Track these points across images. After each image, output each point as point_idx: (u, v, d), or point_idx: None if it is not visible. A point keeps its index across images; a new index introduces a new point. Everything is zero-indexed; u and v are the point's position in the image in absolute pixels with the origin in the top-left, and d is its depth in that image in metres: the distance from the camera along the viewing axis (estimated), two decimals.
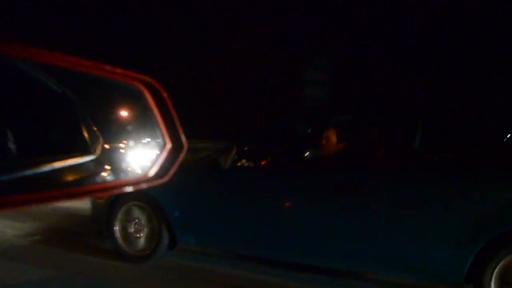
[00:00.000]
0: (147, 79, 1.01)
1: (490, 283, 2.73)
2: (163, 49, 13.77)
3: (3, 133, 0.86)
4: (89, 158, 1.20)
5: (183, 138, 1.06)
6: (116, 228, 4.01)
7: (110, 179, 1.13)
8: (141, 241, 3.94)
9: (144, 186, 1.03)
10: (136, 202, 3.96)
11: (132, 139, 1.24)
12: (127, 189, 1.10)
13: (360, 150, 3.51)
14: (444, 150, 3.32)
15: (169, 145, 1.05)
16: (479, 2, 10.85)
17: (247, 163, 3.62)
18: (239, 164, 3.59)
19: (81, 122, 1.24)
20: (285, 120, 3.76)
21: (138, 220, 3.95)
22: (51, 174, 1.02)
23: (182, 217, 3.73)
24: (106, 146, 1.24)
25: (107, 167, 1.21)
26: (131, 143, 1.22)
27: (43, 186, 0.97)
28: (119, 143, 1.26)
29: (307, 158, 3.72)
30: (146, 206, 3.91)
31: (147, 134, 1.11)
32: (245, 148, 3.74)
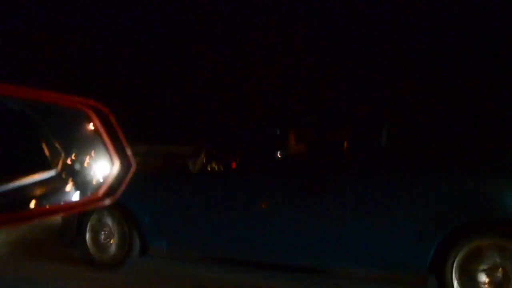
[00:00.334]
0: (92, 103, 1.03)
1: (451, 273, 2.84)
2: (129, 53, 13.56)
3: None
4: (50, 174, 1.20)
5: (131, 158, 1.09)
6: (87, 236, 3.98)
7: (61, 201, 1.14)
8: (112, 248, 3.92)
9: (92, 207, 1.05)
10: (106, 209, 3.93)
11: (85, 157, 1.25)
12: (77, 211, 1.12)
13: (326, 150, 3.58)
14: (409, 148, 3.42)
15: (117, 165, 1.07)
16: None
17: (217, 166, 3.65)
18: (209, 168, 3.62)
19: (41, 138, 1.25)
20: (254, 122, 3.80)
21: (109, 227, 3.93)
22: (11, 193, 1.03)
23: (153, 222, 3.73)
24: (68, 162, 1.25)
25: (69, 183, 1.22)
26: (83, 160, 1.23)
27: (4, 208, 0.97)
28: (81, 158, 1.27)
29: (276, 159, 3.78)
30: (116, 213, 3.89)
31: (96, 154, 1.13)
32: (214, 152, 3.76)
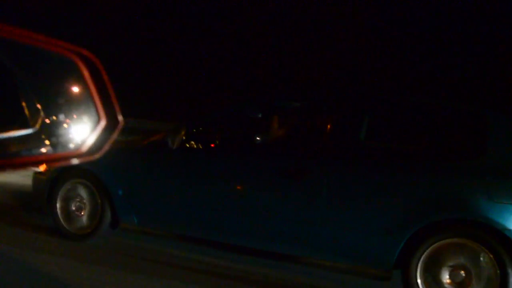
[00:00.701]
0: (83, 52, 1.00)
1: (416, 270, 2.91)
2: (109, 25, 13.29)
3: None
4: (28, 132, 1.17)
5: (119, 115, 1.06)
6: (58, 205, 3.91)
7: (42, 153, 1.12)
8: (83, 220, 3.86)
9: (75, 162, 1.02)
10: (79, 180, 3.87)
11: (68, 113, 1.22)
12: (57, 164, 1.09)
13: (305, 137, 3.60)
14: (388, 141, 3.47)
15: (104, 122, 1.05)
16: None
17: (196, 145, 3.63)
18: (187, 145, 3.59)
19: (21, 94, 1.21)
20: (236, 104, 3.78)
21: (81, 198, 3.87)
22: None
23: (126, 197, 3.69)
24: (47, 120, 1.22)
25: (47, 142, 1.19)
26: (66, 117, 1.21)
27: None
28: (60, 117, 1.24)
29: (256, 143, 3.77)
30: (90, 184, 3.83)
31: (81, 109, 1.10)
32: (194, 130, 3.73)
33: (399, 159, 3.15)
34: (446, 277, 2.85)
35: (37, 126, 1.20)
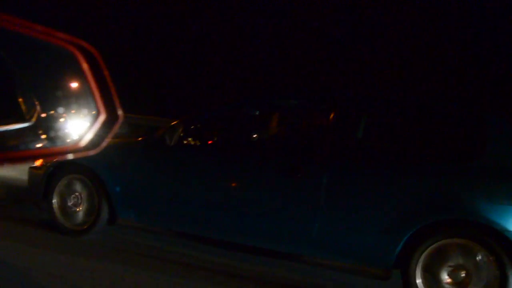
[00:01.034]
0: (84, 44, 0.97)
1: (416, 270, 2.90)
2: (107, 18, 13.24)
3: None
4: (24, 125, 1.15)
5: (119, 110, 1.03)
6: (54, 201, 3.88)
7: (39, 147, 1.09)
8: (80, 215, 3.83)
9: (73, 156, 1.00)
10: (77, 175, 3.84)
11: (66, 107, 1.20)
12: (54, 158, 1.07)
13: (304, 135, 3.58)
14: (387, 141, 3.45)
15: (103, 116, 1.02)
16: None
17: (193, 142, 3.60)
18: (185, 142, 3.56)
19: (17, 88, 1.19)
20: (234, 102, 3.75)
21: (78, 194, 3.84)
22: None
23: (124, 193, 3.66)
24: (43, 115, 1.19)
25: (42, 136, 1.17)
26: (64, 112, 1.18)
27: None
28: (58, 111, 1.21)
29: (253, 140, 3.75)
30: (87, 180, 3.80)
31: (80, 103, 1.08)
32: (192, 127, 3.71)
33: (398, 159, 3.13)
34: (446, 277, 2.84)
35: (33, 120, 1.17)
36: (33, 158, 1.13)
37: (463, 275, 2.80)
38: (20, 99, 1.18)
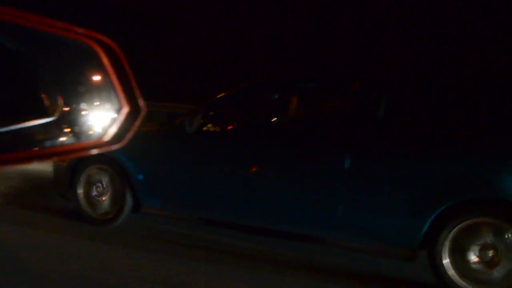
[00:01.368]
0: (103, 38, 0.96)
1: (442, 250, 2.86)
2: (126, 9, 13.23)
3: None
4: (47, 121, 1.15)
5: (141, 102, 1.03)
6: (79, 192, 3.95)
7: (63, 143, 1.09)
8: (105, 204, 3.89)
9: (98, 151, 1.00)
10: (100, 165, 3.89)
11: (88, 102, 1.19)
12: (81, 154, 1.07)
13: (325, 118, 3.53)
14: (409, 123, 3.37)
15: (126, 109, 1.01)
16: None
17: (213, 128, 3.59)
18: (205, 129, 3.56)
19: (40, 83, 1.19)
20: (252, 85, 3.72)
21: (102, 184, 3.89)
22: (6, 136, 0.98)
23: (146, 181, 3.69)
24: (66, 109, 1.19)
25: (66, 130, 1.17)
26: (87, 106, 1.17)
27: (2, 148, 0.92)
28: (80, 106, 1.21)
29: (273, 124, 3.72)
30: (110, 169, 3.85)
31: (102, 97, 1.07)
32: (211, 113, 3.70)
33: (423, 140, 3.06)
34: (474, 257, 2.80)
35: (57, 115, 1.17)
36: (59, 155, 1.13)
37: (492, 254, 2.76)
38: (43, 95, 1.18)
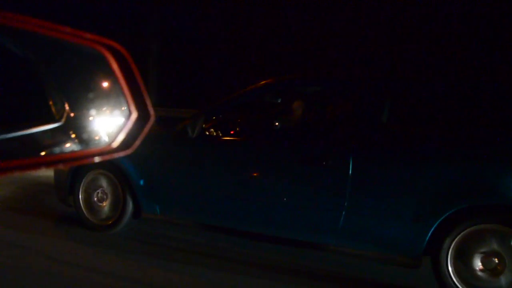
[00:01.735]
0: (112, 44, 0.94)
1: (447, 257, 2.84)
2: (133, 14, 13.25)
3: None
4: (53, 126, 1.13)
5: (150, 108, 1.01)
6: (80, 197, 3.93)
7: (71, 150, 1.07)
8: (105, 210, 3.87)
9: (107, 158, 0.98)
10: (101, 171, 3.88)
11: (96, 108, 1.18)
12: (89, 161, 1.05)
13: (327, 122, 3.52)
14: (411, 127, 3.35)
15: (135, 115, 1.00)
16: None
17: (215, 132, 3.57)
18: (207, 133, 3.54)
19: (46, 88, 1.18)
20: (255, 89, 3.70)
21: (102, 189, 3.87)
22: (13, 143, 0.96)
23: (147, 186, 3.67)
24: (72, 114, 1.18)
25: (73, 136, 1.16)
26: (94, 112, 1.16)
27: (1, 156, 0.91)
28: (86, 111, 1.20)
29: (276, 129, 3.70)
30: (111, 175, 3.83)
31: (110, 102, 1.05)
32: (214, 117, 3.68)
33: (427, 143, 3.03)
34: (478, 264, 2.78)
35: (63, 120, 1.16)
36: (67, 161, 1.11)
37: (496, 262, 2.74)
38: (50, 102, 1.17)
